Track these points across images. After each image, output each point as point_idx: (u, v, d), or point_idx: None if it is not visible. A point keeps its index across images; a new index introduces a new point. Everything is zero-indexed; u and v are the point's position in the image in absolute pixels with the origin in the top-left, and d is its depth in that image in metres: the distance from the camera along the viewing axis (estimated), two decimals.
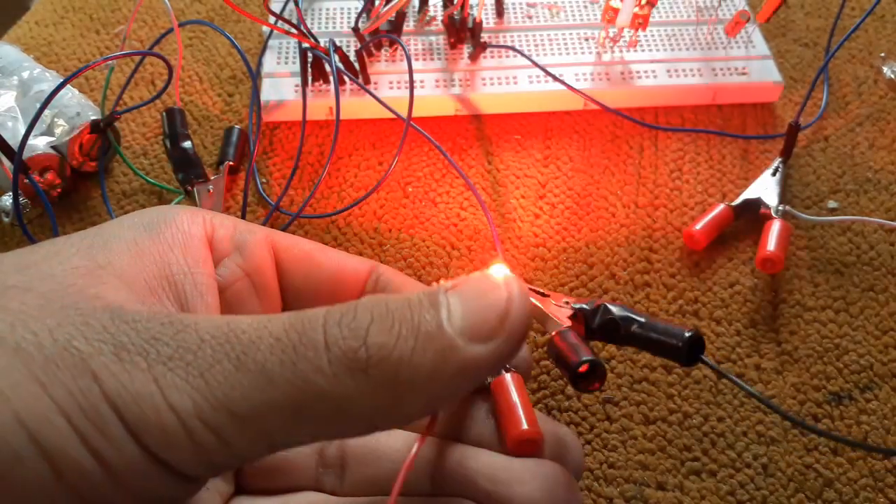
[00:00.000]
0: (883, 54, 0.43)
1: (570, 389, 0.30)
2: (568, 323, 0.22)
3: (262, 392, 0.16)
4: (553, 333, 0.22)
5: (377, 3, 0.40)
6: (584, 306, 0.23)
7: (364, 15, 0.40)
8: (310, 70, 0.37)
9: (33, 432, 0.15)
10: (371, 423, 0.17)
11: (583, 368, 0.20)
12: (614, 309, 0.22)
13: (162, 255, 0.20)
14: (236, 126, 0.38)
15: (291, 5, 0.41)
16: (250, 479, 0.22)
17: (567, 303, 0.23)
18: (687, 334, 0.21)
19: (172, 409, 0.16)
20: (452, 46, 0.40)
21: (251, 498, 0.22)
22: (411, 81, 0.36)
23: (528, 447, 0.21)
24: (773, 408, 0.18)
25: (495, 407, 0.22)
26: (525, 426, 0.20)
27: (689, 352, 0.21)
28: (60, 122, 0.35)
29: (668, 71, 0.40)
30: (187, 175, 0.35)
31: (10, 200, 0.32)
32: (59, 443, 0.15)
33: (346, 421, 0.17)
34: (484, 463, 0.20)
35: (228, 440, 0.16)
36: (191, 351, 0.16)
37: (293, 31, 0.36)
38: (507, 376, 0.22)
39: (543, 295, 0.23)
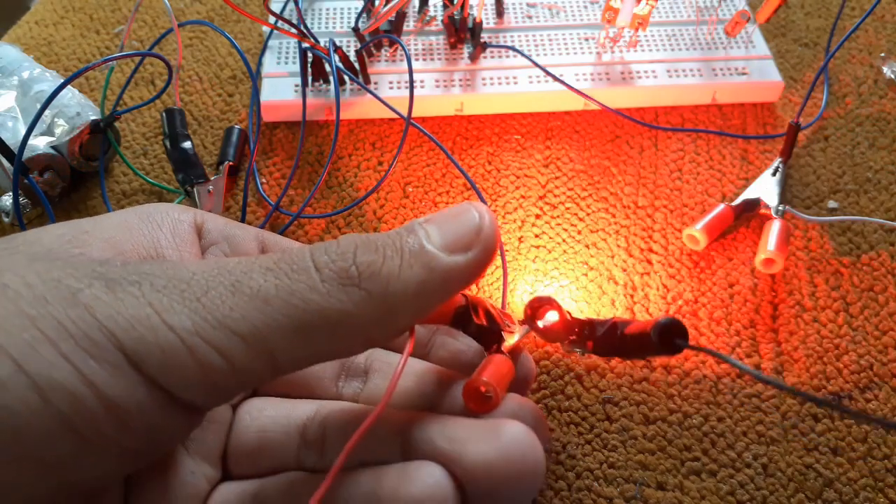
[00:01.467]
0: (883, 54, 0.43)
1: (570, 389, 0.30)
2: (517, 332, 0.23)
3: (260, 312, 0.16)
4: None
5: (377, 3, 0.40)
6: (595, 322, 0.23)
7: (364, 15, 0.40)
8: (310, 70, 0.37)
9: (19, 362, 0.15)
10: (367, 336, 0.18)
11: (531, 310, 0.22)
12: (605, 322, 0.22)
13: (151, 233, 0.20)
14: (236, 126, 0.38)
15: (291, 5, 0.41)
16: (235, 464, 0.22)
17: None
18: (662, 322, 0.20)
19: (172, 329, 0.16)
20: (452, 46, 0.40)
21: (237, 482, 0.22)
22: (411, 81, 0.36)
23: (482, 403, 0.21)
24: (776, 384, 0.18)
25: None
26: (484, 379, 0.21)
27: (663, 341, 0.20)
28: (60, 122, 0.35)
29: (669, 71, 0.40)
30: (187, 175, 0.35)
31: (10, 201, 0.32)
32: (46, 371, 0.15)
33: (344, 336, 0.17)
34: (445, 424, 0.20)
35: (232, 358, 0.16)
36: (184, 280, 0.16)
37: (293, 31, 0.36)
38: (498, 355, 0.22)
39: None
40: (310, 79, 0.38)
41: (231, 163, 0.36)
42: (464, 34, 0.40)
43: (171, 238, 0.21)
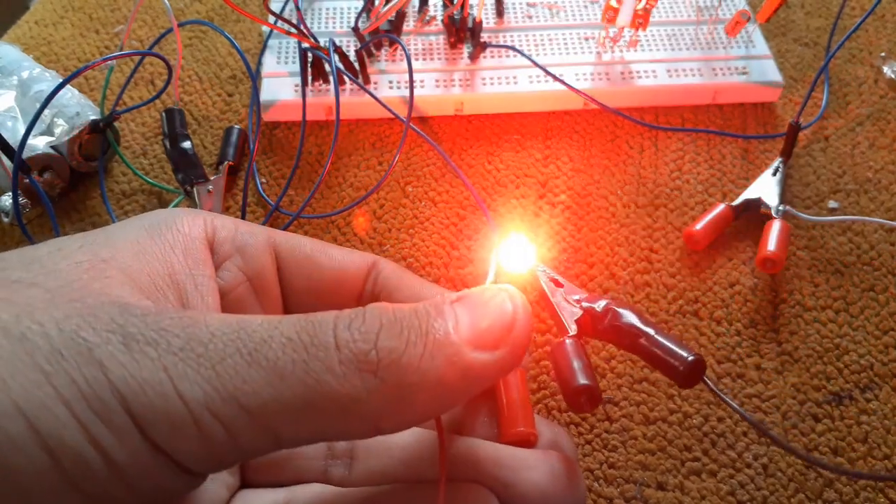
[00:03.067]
0: (883, 54, 0.43)
1: None
2: (575, 329, 0.22)
3: (273, 388, 0.16)
4: (558, 341, 0.22)
5: (377, 2, 0.40)
6: (595, 306, 0.22)
7: (364, 15, 0.40)
8: (309, 70, 0.37)
9: (32, 420, 0.15)
10: (376, 424, 0.17)
11: (578, 393, 0.20)
12: (624, 316, 0.22)
13: (164, 256, 0.20)
14: (236, 126, 0.38)
15: (291, 5, 0.41)
16: (255, 473, 0.22)
17: (578, 301, 0.23)
18: (690, 358, 0.20)
19: (181, 398, 0.16)
20: (452, 46, 0.40)
21: (257, 491, 0.22)
22: (411, 81, 0.36)
23: (521, 445, 0.21)
24: (768, 434, 0.18)
25: (495, 400, 0.22)
26: (520, 427, 0.21)
27: (688, 376, 0.21)
28: (60, 121, 0.35)
29: (669, 71, 0.40)
30: (187, 175, 0.35)
31: (10, 200, 0.32)
32: (57, 431, 0.15)
33: (352, 421, 0.17)
34: (491, 451, 0.21)
35: (236, 433, 0.16)
36: (202, 343, 0.16)
37: (293, 30, 0.36)
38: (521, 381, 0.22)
39: (558, 283, 0.23)
40: (310, 79, 0.38)
41: (231, 163, 0.36)
42: (464, 34, 0.40)
43: (183, 261, 0.20)
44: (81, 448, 0.15)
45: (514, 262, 0.24)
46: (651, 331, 0.21)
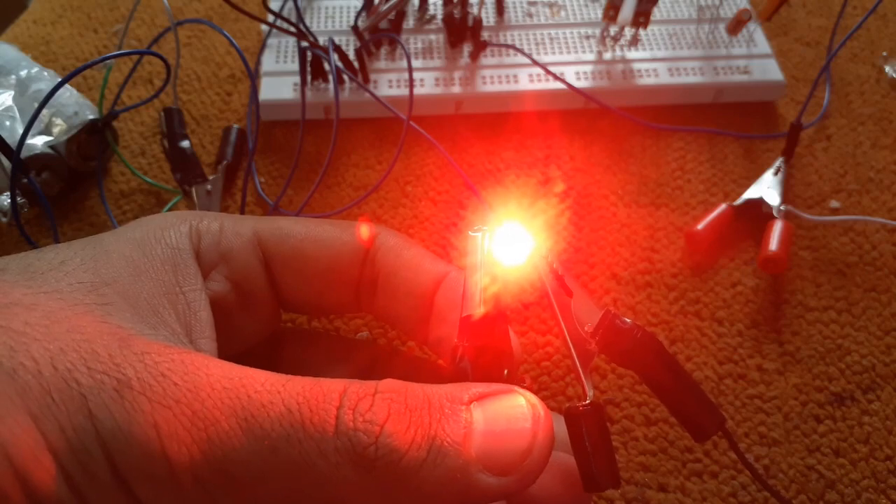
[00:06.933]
0: (885, 53, 0.42)
1: (570, 390, 0.30)
2: (592, 394, 0.19)
3: (262, 462, 0.16)
4: (577, 412, 0.19)
5: (377, 1, 0.40)
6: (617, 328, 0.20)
7: (363, 13, 0.40)
8: (309, 69, 0.37)
9: (19, 469, 0.14)
10: None
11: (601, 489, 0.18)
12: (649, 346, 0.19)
13: (157, 274, 0.20)
14: (235, 125, 0.38)
15: (290, 4, 0.41)
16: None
17: (588, 330, 0.20)
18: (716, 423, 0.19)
19: (167, 460, 0.15)
20: (452, 45, 0.40)
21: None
22: (411, 80, 0.36)
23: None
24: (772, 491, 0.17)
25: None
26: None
27: (707, 435, 0.20)
28: (58, 121, 0.35)
29: (670, 69, 0.40)
30: (185, 175, 0.34)
31: (8, 200, 0.32)
32: (43, 482, 0.15)
33: (335, 502, 0.16)
34: None
35: (214, 498, 0.16)
36: (199, 398, 0.16)
37: (292, 29, 0.36)
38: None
39: (569, 290, 0.20)
40: (309, 78, 0.37)
41: (229, 162, 0.36)
42: (464, 33, 0.40)
43: (174, 278, 0.20)
44: (65, 499, 0.15)
45: (511, 251, 0.21)
46: (674, 378, 0.20)
